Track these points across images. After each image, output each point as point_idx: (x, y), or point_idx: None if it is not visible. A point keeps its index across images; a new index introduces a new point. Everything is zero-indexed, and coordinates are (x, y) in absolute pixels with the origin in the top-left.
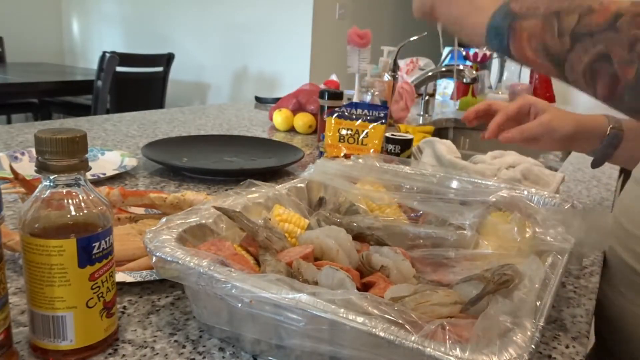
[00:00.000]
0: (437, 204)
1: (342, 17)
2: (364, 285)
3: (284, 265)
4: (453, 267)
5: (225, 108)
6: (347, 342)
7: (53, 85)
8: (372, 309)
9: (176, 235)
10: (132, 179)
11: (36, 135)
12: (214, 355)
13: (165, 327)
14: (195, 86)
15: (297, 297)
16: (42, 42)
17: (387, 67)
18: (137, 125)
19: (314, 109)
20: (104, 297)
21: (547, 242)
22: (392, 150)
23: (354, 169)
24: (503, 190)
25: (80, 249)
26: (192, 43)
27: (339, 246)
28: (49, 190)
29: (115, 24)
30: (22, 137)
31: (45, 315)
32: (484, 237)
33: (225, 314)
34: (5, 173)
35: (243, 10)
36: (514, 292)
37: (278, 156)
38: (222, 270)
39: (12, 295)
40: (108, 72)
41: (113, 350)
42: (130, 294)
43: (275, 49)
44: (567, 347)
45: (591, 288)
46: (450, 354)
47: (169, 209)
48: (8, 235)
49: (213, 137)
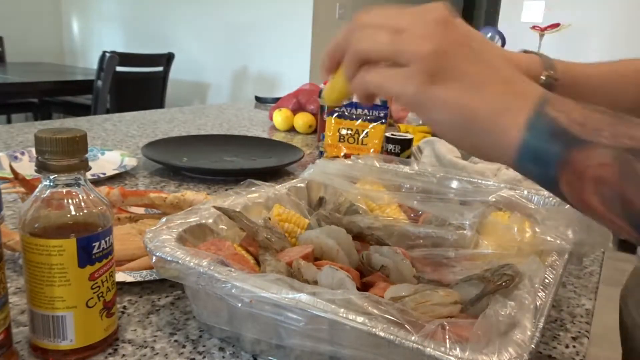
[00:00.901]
0: (437, 204)
1: (342, 16)
2: (364, 285)
3: (284, 265)
4: (453, 267)
5: (225, 108)
6: (347, 342)
7: (53, 85)
8: (372, 309)
9: (176, 235)
10: (132, 178)
11: (36, 135)
12: (214, 355)
13: (165, 327)
14: (195, 86)
15: (297, 297)
16: (42, 42)
17: None
18: (137, 125)
19: (314, 108)
20: (104, 297)
21: (547, 242)
22: (392, 150)
23: (354, 169)
24: (503, 190)
25: (80, 249)
26: (192, 43)
27: (339, 246)
28: (49, 190)
29: (115, 23)
30: (22, 136)
31: (45, 315)
32: (484, 237)
33: (225, 313)
34: (5, 173)
35: (243, 10)
36: (514, 292)
37: (278, 156)
38: (222, 270)
39: (12, 295)
40: (108, 71)
41: (113, 350)
42: (130, 294)
43: (275, 49)
44: (567, 347)
45: (591, 288)
46: (450, 354)
47: (169, 208)
48: (8, 235)
49: (213, 137)
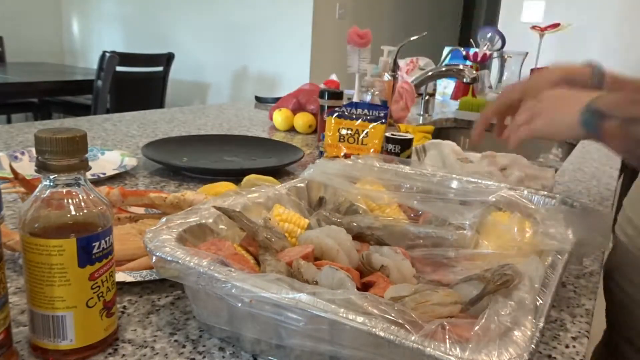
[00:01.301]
0: (437, 204)
1: (342, 16)
2: (364, 285)
3: (284, 265)
4: (453, 267)
5: (225, 108)
6: (347, 342)
7: (53, 85)
8: (372, 309)
9: (176, 235)
10: (132, 178)
11: (36, 135)
12: (214, 355)
13: (165, 327)
14: (195, 86)
15: (297, 296)
16: (42, 42)
17: (387, 66)
18: (137, 125)
19: (314, 108)
20: (104, 297)
21: (547, 242)
22: (392, 150)
23: (354, 169)
24: (503, 190)
25: (80, 249)
26: (192, 43)
27: (339, 246)
28: (49, 190)
29: (115, 23)
30: (22, 136)
31: (45, 315)
32: (484, 237)
33: (225, 313)
34: (5, 173)
35: (243, 10)
36: (514, 292)
37: (278, 156)
38: (222, 270)
39: (12, 295)
40: (108, 71)
41: (113, 350)
42: (130, 294)
43: (275, 49)
44: (567, 347)
45: (591, 288)
46: (450, 354)
47: (168, 208)
48: (8, 235)
49: (213, 137)
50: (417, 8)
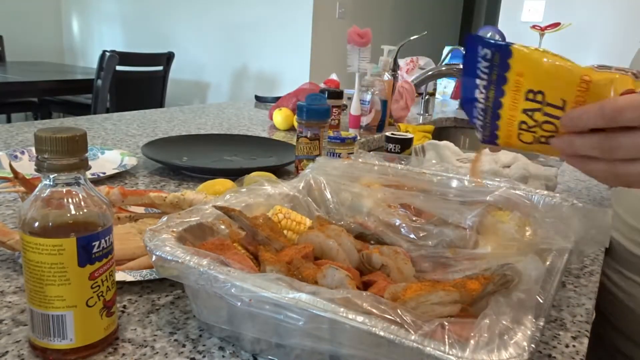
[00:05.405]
0: (437, 204)
1: (342, 16)
2: (364, 284)
3: (284, 264)
4: (453, 266)
5: (225, 107)
6: (347, 341)
7: (53, 84)
8: (372, 308)
9: (176, 234)
10: (132, 178)
11: (36, 134)
12: (214, 354)
13: (165, 326)
14: (195, 85)
15: (297, 296)
16: (42, 41)
17: (387, 66)
18: (137, 124)
19: None
20: (104, 296)
21: (547, 241)
22: (392, 150)
23: (354, 169)
24: (503, 189)
25: (80, 248)
26: (192, 42)
27: (339, 246)
28: (48, 189)
29: (115, 23)
30: (22, 136)
31: (45, 314)
32: (484, 237)
33: (225, 313)
34: (5, 172)
35: (243, 9)
36: (514, 292)
37: (278, 155)
38: (222, 269)
39: (12, 294)
40: (108, 71)
41: (113, 349)
42: (130, 293)
43: (275, 48)
44: (567, 347)
45: (591, 287)
46: (450, 354)
47: (168, 208)
48: (8, 234)
49: (213, 136)
50: (417, 8)
